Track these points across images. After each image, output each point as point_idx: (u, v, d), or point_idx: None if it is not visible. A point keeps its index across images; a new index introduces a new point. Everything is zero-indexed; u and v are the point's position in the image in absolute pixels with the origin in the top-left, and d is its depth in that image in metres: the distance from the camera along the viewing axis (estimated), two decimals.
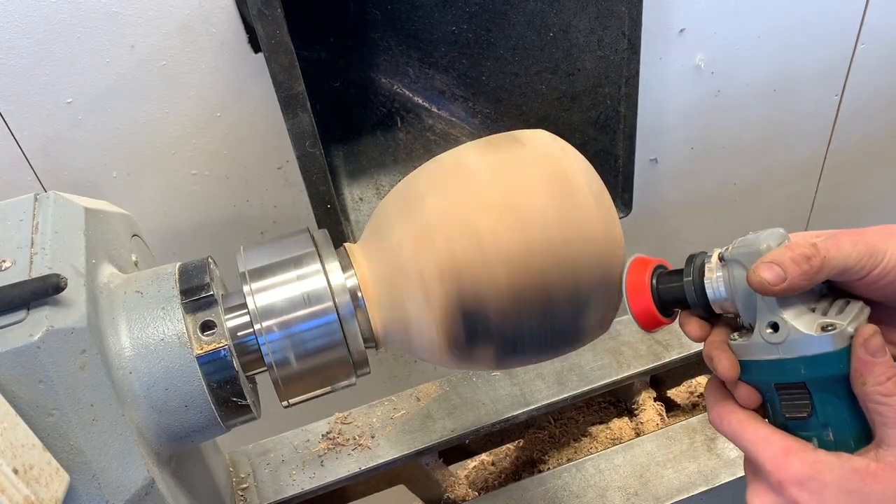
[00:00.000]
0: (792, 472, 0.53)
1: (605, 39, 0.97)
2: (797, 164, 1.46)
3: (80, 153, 0.97)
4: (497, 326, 0.61)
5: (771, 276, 0.53)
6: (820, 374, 0.54)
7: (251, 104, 1.00)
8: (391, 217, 0.65)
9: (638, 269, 0.62)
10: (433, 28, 1.06)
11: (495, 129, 1.08)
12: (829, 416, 0.55)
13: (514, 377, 0.99)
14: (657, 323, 0.62)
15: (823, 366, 0.53)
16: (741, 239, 0.57)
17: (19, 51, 0.87)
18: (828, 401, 0.55)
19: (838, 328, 0.53)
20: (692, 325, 0.61)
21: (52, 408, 0.53)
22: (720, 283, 0.58)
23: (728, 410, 0.58)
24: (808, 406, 0.55)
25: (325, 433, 0.95)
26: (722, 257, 0.58)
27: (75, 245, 0.60)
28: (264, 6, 0.76)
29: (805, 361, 0.54)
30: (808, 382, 0.54)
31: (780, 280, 0.53)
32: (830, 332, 0.53)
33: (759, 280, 0.53)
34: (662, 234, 1.42)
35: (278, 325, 0.62)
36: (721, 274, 0.58)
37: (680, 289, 0.60)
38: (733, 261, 0.57)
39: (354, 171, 1.11)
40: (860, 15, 1.28)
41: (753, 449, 0.55)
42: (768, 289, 0.53)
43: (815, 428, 0.55)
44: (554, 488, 0.88)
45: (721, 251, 0.58)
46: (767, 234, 0.56)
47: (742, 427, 0.57)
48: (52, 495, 0.50)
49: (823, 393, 0.54)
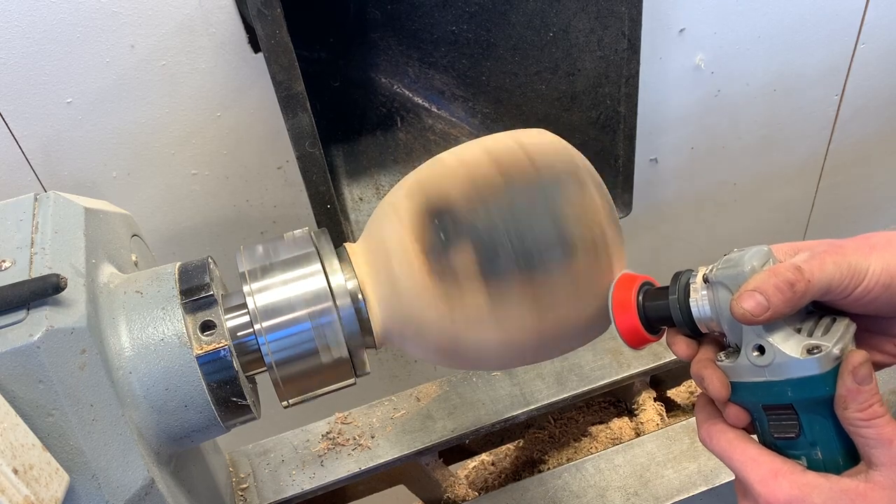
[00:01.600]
0: (781, 494, 0.53)
1: (605, 39, 0.97)
2: (797, 164, 1.46)
3: (80, 153, 0.97)
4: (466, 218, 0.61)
5: (753, 307, 0.52)
6: (806, 395, 0.53)
7: (251, 104, 1.00)
8: (386, 209, 0.66)
9: (624, 285, 0.62)
10: (433, 28, 1.06)
11: (495, 129, 1.08)
12: (817, 435, 0.55)
13: (514, 377, 0.99)
14: (643, 340, 0.61)
15: (810, 388, 0.53)
16: (725, 258, 0.57)
17: (19, 51, 0.87)
18: (815, 421, 0.54)
19: (824, 350, 0.52)
20: (679, 344, 0.60)
21: (51, 408, 0.53)
22: (705, 304, 0.57)
23: (718, 430, 0.58)
24: (795, 427, 0.55)
25: (325, 433, 0.95)
26: (706, 279, 0.57)
27: (75, 245, 0.60)
28: (264, 6, 0.76)
29: (791, 384, 0.53)
30: (795, 404, 0.54)
31: (763, 310, 0.52)
32: (816, 355, 0.52)
33: (742, 312, 0.53)
34: (662, 234, 1.42)
35: (278, 325, 0.62)
36: (706, 294, 0.57)
37: (665, 307, 0.59)
38: (718, 283, 0.56)
39: (354, 171, 1.11)
40: (860, 15, 1.28)
41: (742, 469, 0.55)
42: (751, 319, 0.53)
43: (804, 447, 0.55)
44: (554, 488, 0.88)
45: (706, 271, 0.58)
46: (752, 253, 0.56)
47: (731, 447, 0.56)
48: (52, 495, 0.50)
49: (811, 414, 0.54)
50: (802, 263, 0.53)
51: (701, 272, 0.58)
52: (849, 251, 0.54)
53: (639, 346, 0.62)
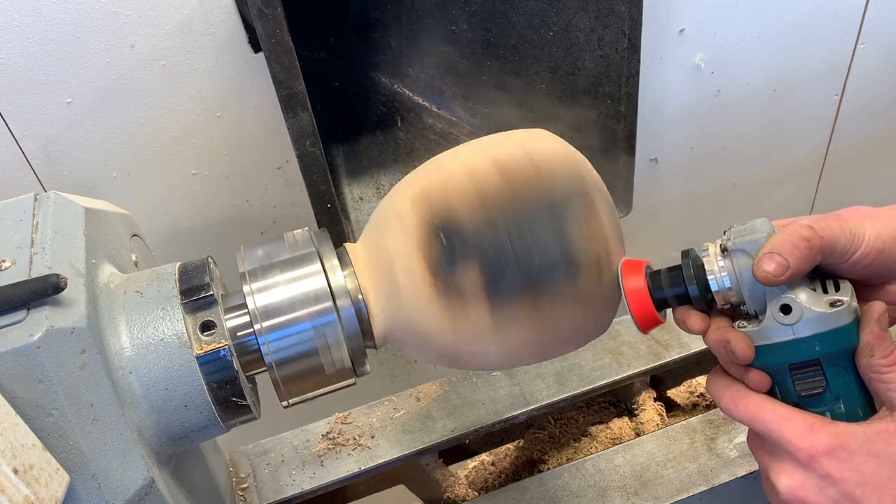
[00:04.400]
0: (821, 445, 0.55)
1: (606, 39, 0.97)
2: (797, 164, 1.46)
3: (80, 153, 0.97)
4: (473, 236, 0.60)
5: (775, 267, 0.55)
6: (833, 348, 0.57)
7: (251, 104, 1.00)
8: (389, 215, 0.66)
9: (631, 271, 0.63)
10: (433, 28, 1.06)
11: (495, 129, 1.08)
12: (840, 389, 0.58)
13: (514, 377, 0.99)
14: (655, 323, 0.63)
15: (837, 340, 0.56)
16: (735, 230, 0.59)
17: (19, 51, 0.87)
18: (838, 374, 0.58)
19: (845, 303, 0.56)
20: (694, 318, 0.62)
21: (51, 408, 0.53)
22: (724, 274, 0.59)
23: (742, 395, 0.59)
24: (822, 382, 0.58)
25: (325, 433, 0.95)
26: (724, 248, 0.59)
27: (75, 245, 0.60)
28: (264, 6, 0.76)
29: (819, 338, 0.56)
30: (822, 359, 0.57)
31: (784, 269, 0.55)
32: (840, 308, 0.56)
33: (765, 274, 0.55)
34: (662, 234, 1.42)
35: (278, 325, 0.62)
36: (724, 264, 0.59)
37: (681, 285, 0.61)
38: (737, 250, 0.58)
39: (354, 171, 1.11)
40: (860, 15, 1.28)
41: (777, 429, 0.57)
42: (774, 280, 0.55)
43: (829, 403, 0.58)
44: (554, 488, 0.88)
45: (721, 241, 0.60)
46: (760, 222, 0.59)
47: (761, 409, 0.58)
48: (52, 495, 0.50)
49: (835, 367, 0.57)
50: (812, 223, 0.57)
51: (712, 246, 0.60)
52: (845, 218, 0.58)
53: (649, 330, 0.63)
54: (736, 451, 0.89)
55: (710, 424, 0.92)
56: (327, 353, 0.63)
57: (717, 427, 0.92)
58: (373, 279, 0.65)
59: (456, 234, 0.60)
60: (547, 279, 0.61)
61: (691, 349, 1.01)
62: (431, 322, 0.63)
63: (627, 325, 1.04)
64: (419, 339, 0.65)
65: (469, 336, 0.62)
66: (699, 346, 1.00)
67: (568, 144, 0.68)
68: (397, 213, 0.64)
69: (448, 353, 0.65)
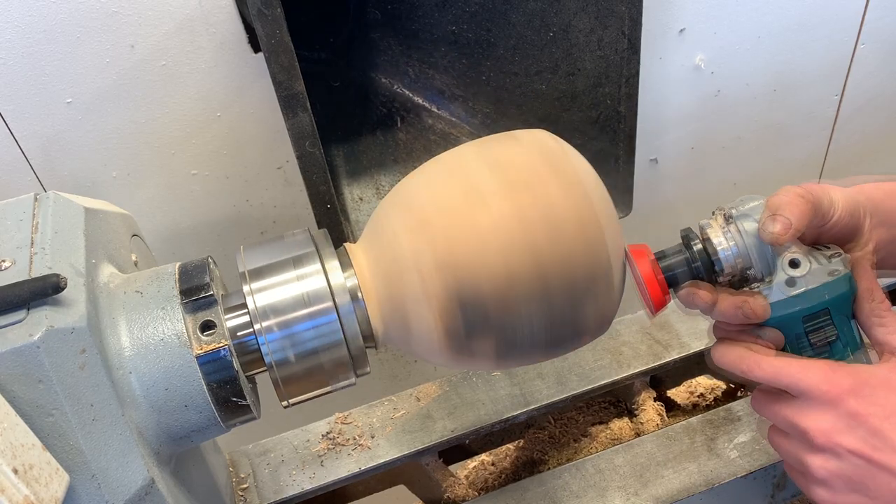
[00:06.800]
0: (844, 385, 0.58)
1: (605, 39, 0.97)
2: (797, 164, 1.45)
3: (80, 153, 0.97)
4: (495, 317, 0.61)
5: (780, 227, 0.59)
6: (840, 295, 0.61)
7: (251, 104, 1.00)
8: (389, 215, 0.65)
9: (638, 256, 0.65)
10: (433, 28, 1.06)
11: (495, 129, 1.08)
12: (847, 337, 0.63)
13: (514, 377, 0.99)
14: (664, 304, 0.66)
15: (841, 287, 0.61)
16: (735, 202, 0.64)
17: (19, 51, 0.87)
18: (843, 322, 0.63)
19: (841, 254, 0.62)
20: (702, 292, 0.64)
21: (51, 408, 0.53)
22: (732, 243, 0.63)
23: (760, 356, 0.62)
24: (834, 330, 0.62)
25: (325, 433, 0.95)
26: (729, 217, 0.63)
27: (75, 245, 0.60)
28: (264, 6, 0.76)
29: (828, 287, 0.61)
30: (830, 307, 0.62)
31: (788, 227, 0.59)
32: (839, 258, 0.62)
33: (771, 233, 0.60)
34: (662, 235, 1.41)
35: (278, 325, 0.62)
36: (730, 233, 0.63)
37: (690, 260, 0.65)
38: (742, 216, 0.63)
39: (354, 171, 1.11)
40: (860, 15, 1.28)
41: (803, 378, 0.59)
42: (780, 239, 0.60)
43: (839, 351, 0.63)
44: (554, 488, 0.88)
45: (725, 211, 0.64)
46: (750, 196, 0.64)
47: (783, 363, 0.61)
48: (52, 495, 0.50)
49: (840, 315, 0.62)
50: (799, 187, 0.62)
51: (713, 219, 0.65)
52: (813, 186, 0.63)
53: (657, 313, 0.66)
54: (736, 451, 0.89)
55: (710, 424, 0.92)
56: (327, 353, 0.63)
57: (717, 427, 0.92)
58: (374, 282, 0.65)
59: (479, 314, 0.61)
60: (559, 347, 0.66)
61: (691, 349, 1.01)
62: (438, 356, 0.65)
63: (627, 325, 1.05)
64: (421, 351, 0.66)
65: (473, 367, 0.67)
66: (699, 346, 1.00)
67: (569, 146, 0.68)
68: (418, 269, 0.61)
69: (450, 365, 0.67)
